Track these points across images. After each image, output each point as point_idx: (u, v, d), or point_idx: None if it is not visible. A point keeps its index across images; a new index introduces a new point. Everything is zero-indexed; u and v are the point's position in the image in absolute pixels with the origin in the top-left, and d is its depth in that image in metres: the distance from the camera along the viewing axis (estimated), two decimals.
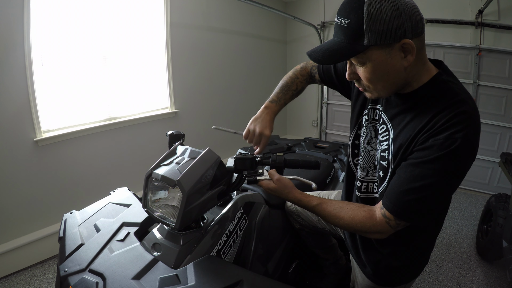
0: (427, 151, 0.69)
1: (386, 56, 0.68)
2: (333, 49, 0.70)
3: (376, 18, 0.64)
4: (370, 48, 0.67)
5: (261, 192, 1.25)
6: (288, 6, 4.40)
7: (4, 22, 1.91)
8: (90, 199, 1.26)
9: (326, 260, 1.45)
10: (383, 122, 0.84)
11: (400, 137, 0.76)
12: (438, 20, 3.21)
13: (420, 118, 0.72)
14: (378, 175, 0.85)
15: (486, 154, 3.17)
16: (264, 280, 0.81)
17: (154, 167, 0.90)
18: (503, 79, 3.00)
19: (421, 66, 0.74)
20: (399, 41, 0.66)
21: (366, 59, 0.69)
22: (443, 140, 0.67)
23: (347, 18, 0.67)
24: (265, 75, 4.28)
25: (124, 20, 2.59)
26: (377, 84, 0.73)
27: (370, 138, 0.90)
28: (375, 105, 0.89)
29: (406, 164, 0.73)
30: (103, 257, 0.85)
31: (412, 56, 0.68)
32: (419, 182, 0.69)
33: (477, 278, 2.01)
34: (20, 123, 2.06)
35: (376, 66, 0.69)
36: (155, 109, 3.00)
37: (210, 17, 3.34)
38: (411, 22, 0.66)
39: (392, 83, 0.73)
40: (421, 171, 0.69)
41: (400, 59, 0.69)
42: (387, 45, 0.66)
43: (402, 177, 0.73)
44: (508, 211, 1.97)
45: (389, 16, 0.64)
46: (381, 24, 0.64)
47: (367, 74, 0.72)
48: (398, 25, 0.64)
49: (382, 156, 0.82)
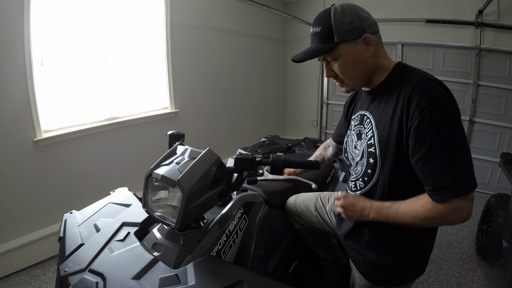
0: (418, 134, 0.76)
1: (353, 49, 0.85)
2: (311, 49, 0.87)
3: (341, 21, 0.83)
4: (340, 45, 0.84)
5: (261, 192, 1.25)
6: (288, 6, 4.40)
7: (4, 22, 1.91)
8: (90, 199, 1.26)
9: (326, 260, 1.45)
10: (367, 117, 0.93)
11: (381, 121, 0.87)
12: (438, 20, 3.21)
13: (391, 99, 0.85)
14: (367, 163, 0.89)
15: (486, 154, 3.17)
16: (264, 280, 0.81)
17: (154, 167, 0.90)
18: (503, 79, 3.00)
19: (383, 57, 0.90)
20: (361, 36, 0.84)
21: (338, 54, 0.85)
22: (420, 117, 0.75)
23: (320, 26, 0.86)
24: (265, 75, 4.29)
25: (124, 20, 2.59)
26: (350, 73, 0.88)
27: (355, 142, 0.97)
28: (356, 114, 1.01)
29: (419, 157, 0.77)
30: (103, 257, 0.85)
31: (373, 47, 0.85)
32: (445, 158, 0.74)
33: (477, 278, 2.01)
34: (20, 123, 2.06)
35: (346, 58, 0.86)
36: (155, 109, 2.99)
37: (210, 17, 3.34)
38: (367, 22, 0.85)
39: (362, 71, 0.88)
40: (436, 151, 0.75)
41: (364, 50, 0.85)
42: (352, 40, 0.84)
43: (428, 169, 0.76)
44: (508, 211, 1.96)
45: (350, 19, 0.83)
46: (345, 25, 0.83)
47: (340, 67, 0.87)
48: (358, 24, 0.83)
49: (369, 144, 0.90)
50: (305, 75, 4.50)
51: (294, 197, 1.35)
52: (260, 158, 0.96)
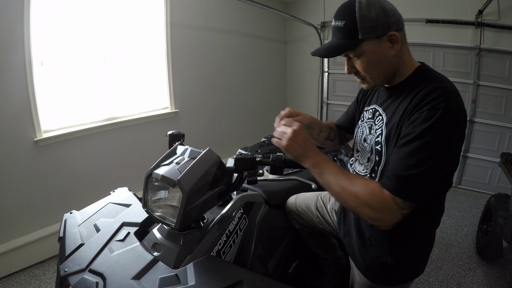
0: (413, 126, 0.75)
1: (377, 47, 0.80)
2: (334, 46, 0.82)
3: (367, 17, 0.77)
4: (364, 42, 0.79)
5: (261, 192, 1.25)
6: (288, 6, 4.40)
7: (4, 22, 1.91)
8: (90, 199, 1.26)
9: (326, 260, 1.45)
10: (379, 114, 0.91)
11: (392, 120, 0.84)
12: (438, 20, 3.21)
13: (407, 99, 0.81)
14: (374, 160, 0.88)
15: (486, 154, 3.17)
16: (264, 280, 0.81)
17: (154, 167, 0.90)
18: (503, 79, 3.00)
19: (407, 57, 0.86)
20: (386, 33, 0.79)
21: (361, 51, 0.81)
22: (426, 111, 0.73)
23: (343, 20, 0.80)
24: (265, 75, 4.29)
25: (124, 20, 2.59)
26: (373, 72, 0.84)
27: (365, 135, 0.96)
28: (370, 106, 0.99)
29: (398, 145, 0.78)
30: (103, 257, 0.85)
31: (398, 45, 0.81)
32: (414, 158, 0.73)
33: (477, 278, 2.01)
34: (20, 123, 2.06)
35: (370, 56, 0.81)
36: (155, 109, 2.99)
37: (210, 17, 3.34)
38: (394, 18, 0.80)
39: (385, 70, 0.84)
40: (413, 147, 0.74)
41: (389, 48, 0.81)
42: (377, 37, 0.79)
43: (397, 158, 0.77)
44: (508, 211, 1.96)
45: (376, 14, 0.78)
46: (371, 21, 0.78)
47: (363, 65, 0.83)
48: (384, 21, 0.78)
49: (376, 142, 0.88)
50: (305, 75, 4.50)
51: (294, 197, 1.35)
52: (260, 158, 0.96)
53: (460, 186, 3.34)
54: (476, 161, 3.18)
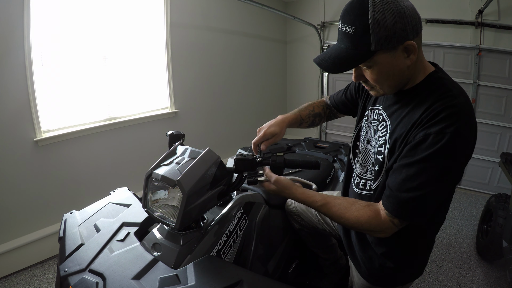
0: (419, 147, 0.70)
1: (391, 58, 0.71)
2: (341, 57, 0.73)
3: (381, 24, 0.66)
4: (377, 53, 0.70)
5: (261, 192, 1.25)
6: (288, 6, 4.40)
7: (4, 22, 1.91)
8: (90, 199, 1.26)
9: (326, 260, 1.45)
10: (383, 119, 0.86)
11: (396, 131, 0.79)
12: (438, 20, 3.21)
13: (414, 112, 0.75)
14: (374, 170, 0.86)
15: (486, 154, 3.16)
16: (264, 280, 0.81)
17: (154, 167, 0.90)
18: (503, 79, 3.00)
19: (420, 63, 0.77)
20: (403, 43, 0.69)
21: (373, 62, 0.72)
22: (434, 135, 0.68)
23: (353, 25, 0.69)
24: (265, 75, 4.29)
25: (124, 20, 2.59)
26: (384, 83, 0.77)
27: (370, 137, 0.93)
28: (374, 106, 0.93)
29: (401, 164, 0.74)
30: (103, 257, 0.85)
31: (415, 55, 0.72)
32: (415, 181, 0.71)
33: (477, 278, 2.01)
34: (20, 123, 2.06)
35: (382, 68, 0.73)
36: (155, 109, 2.99)
37: (210, 17, 3.34)
38: (412, 24, 0.68)
39: (397, 81, 0.77)
40: (415, 170, 0.71)
41: (404, 59, 0.72)
42: (392, 48, 0.69)
43: (398, 178, 0.74)
44: (508, 211, 1.96)
45: (392, 21, 0.66)
46: (386, 30, 0.66)
47: (374, 76, 0.76)
48: (401, 28, 0.67)
49: (379, 151, 0.84)
50: (305, 75, 4.50)
51: None
52: (260, 158, 0.96)
53: (460, 186, 3.33)
54: (476, 161, 3.17)
